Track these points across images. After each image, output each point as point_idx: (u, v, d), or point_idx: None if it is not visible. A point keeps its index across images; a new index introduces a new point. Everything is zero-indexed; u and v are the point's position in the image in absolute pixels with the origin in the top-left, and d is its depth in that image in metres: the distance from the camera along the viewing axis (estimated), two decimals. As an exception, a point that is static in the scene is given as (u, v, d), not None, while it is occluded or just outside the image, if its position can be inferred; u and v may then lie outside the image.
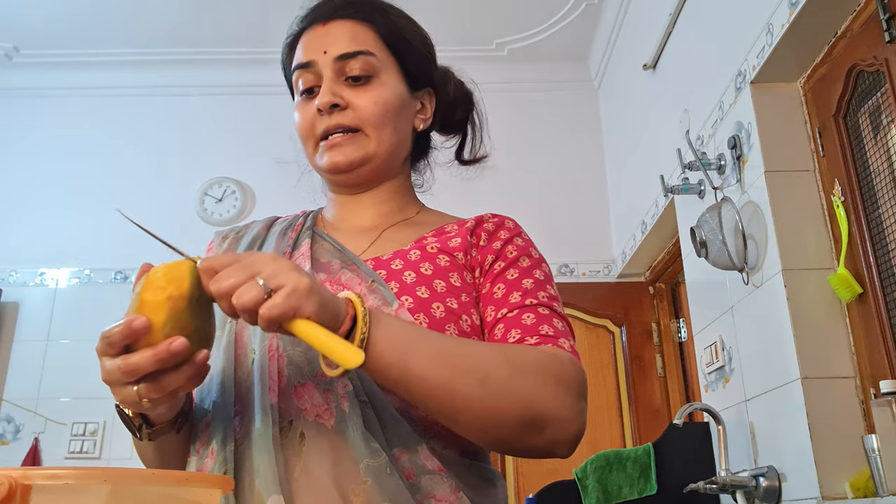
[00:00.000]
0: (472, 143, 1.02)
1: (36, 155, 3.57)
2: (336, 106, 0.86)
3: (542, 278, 0.84)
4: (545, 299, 0.82)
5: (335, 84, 0.87)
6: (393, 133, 0.89)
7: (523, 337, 0.78)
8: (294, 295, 0.61)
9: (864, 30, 1.65)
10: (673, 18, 2.54)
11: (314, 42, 0.89)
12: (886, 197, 1.61)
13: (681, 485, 1.92)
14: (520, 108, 3.57)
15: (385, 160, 0.90)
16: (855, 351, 1.69)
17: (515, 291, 0.82)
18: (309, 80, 0.88)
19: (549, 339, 0.78)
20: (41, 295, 3.33)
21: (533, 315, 0.80)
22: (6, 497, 0.42)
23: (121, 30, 3.45)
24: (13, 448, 3.07)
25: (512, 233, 0.88)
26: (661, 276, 3.13)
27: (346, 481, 0.70)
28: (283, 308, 0.61)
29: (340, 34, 0.88)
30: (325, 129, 0.87)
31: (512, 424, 0.70)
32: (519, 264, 0.84)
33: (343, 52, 0.87)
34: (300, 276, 0.62)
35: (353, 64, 0.87)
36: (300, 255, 0.85)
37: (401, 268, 0.82)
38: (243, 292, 0.61)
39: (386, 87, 0.88)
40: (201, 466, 0.76)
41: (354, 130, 0.87)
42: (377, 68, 0.88)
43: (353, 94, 0.87)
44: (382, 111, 0.87)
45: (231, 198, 3.48)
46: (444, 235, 0.87)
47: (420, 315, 0.77)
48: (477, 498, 0.76)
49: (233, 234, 0.95)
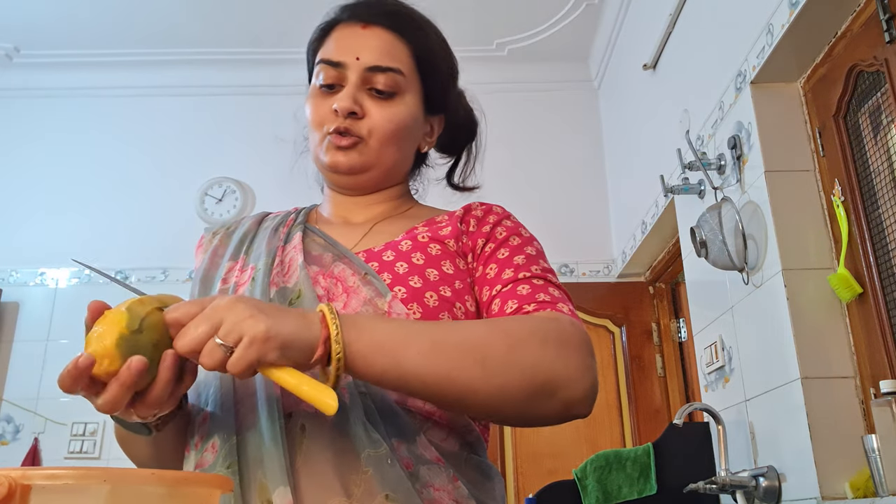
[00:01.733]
0: (465, 168, 1.03)
1: (36, 155, 3.57)
2: (353, 114, 0.86)
3: (533, 253, 0.85)
4: (538, 271, 0.82)
5: (358, 91, 0.87)
6: (397, 152, 0.90)
7: (521, 306, 0.78)
8: (252, 347, 0.61)
9: (864, 30, 1.65)
10: (673, 18, 2.54)
11: (348, 42, 0.88)
12: (886, 197, 1.61)
13: (681, 485, 1.92)
14: (520, 108, 3.57)
15: (384, 173, 0.91)
16: (855, 351, 1.69)
17: (507, 268, 0.82)
18: (332, 76, 0.88)
19: (547, 304, 0.78)
20: (41, 295, 3.34)
21: (528, 286, 0.80)
22: (6, 497, 0.42)
23: (121, 30, 3.45)
24: (13, 448, 3.07)
25: (500, 216, 0.89)
26: (661, 276, 3.13)
27: (348, 471, 0.70)
28: (245, 363, 0.61)
29: (377, 44, 0.88)
30: (335, 129, 0.87)
31: (521, 396, 0.69)
32: (509, 243, 0.85)
33: (375, 64, 0.87)
34: (256, 322, 0.61)
35: (380, 78, 0.87)
36: (292, 249, 0.86)
37: (392, 259, 0.83)
38: (206, 355, 0.61)
39: (404, 108, 0.88)
40: (200, 461, 0.76)
41: (360, 138, 0.87)
42: (402, 87, 0.88)
43: (372, 106, 0.87)
44: (394, 130, 0.88)
45: (231, 198, 3.48)
46: (434, 225, 0.88)
47: (413, 305, 0.77)
48: (474, 491, 0.76)
49: (223, 230, 0.95)
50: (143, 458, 0.81)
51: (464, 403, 0.69)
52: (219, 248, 0.92)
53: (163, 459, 0.80)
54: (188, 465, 0.78)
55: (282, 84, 3.53)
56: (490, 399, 0.69)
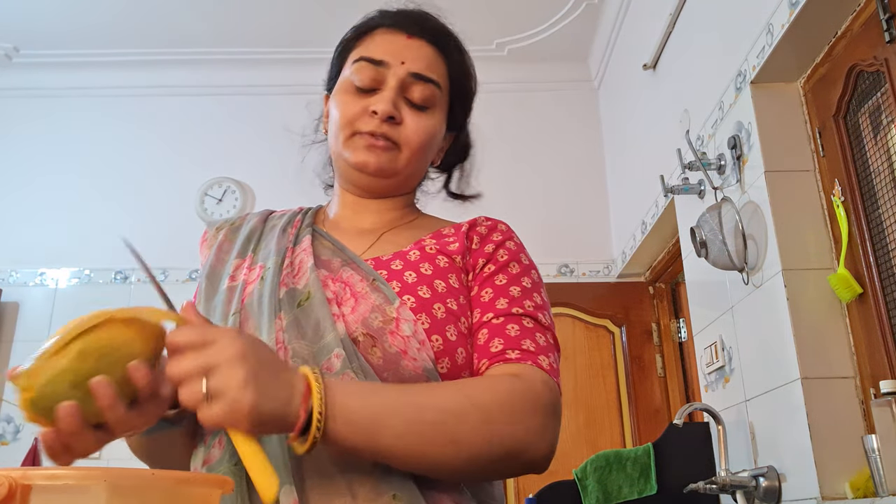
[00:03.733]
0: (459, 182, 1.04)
1: (36, 155, 3.57)
2: (392, 118, 0.87)
3: (529, 286, 0.85)
4: (531, 309, 0.82)
5: (398, 97, 0.87)
6: (422, 162, 0.92)
7: (504, 350, 0.78)
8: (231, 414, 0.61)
9: (864, 30, 1.65)
10: (673, 18, 2.54)
11: (394, 47, 0.89)
12: (886, 197, 1.61)
13: (681, 485, 1.92)
14: (520, 108, 3.58)
15: (405, 181, 0.93)
16: (855, 351, 1.69)
17: (502, 298, 0.83)
18: (370, 76, 0.88)
19: (529, 355, 0.78)
20: (41, 295, 3.34)
21: (517, 326, 0.80)
22: (6, 497, 0.42)
23: (121, 30, 3.45)
24: (13, 448, 3.07)
25: (504, 236, 0.89)
26: (661, 276, 3.13)
27: (353, 472, 0.71)
28: (214, 422, 0.61)
29: (421, 55, 0.89)
30: (371, 130, 0.87)
31: (487, 464, 0.72)
32: (509, 270, 0.85)
33: (420, 72, 0.88)
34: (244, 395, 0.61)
35: (419, 87, 0.88)
36: (302, 251, 0.86)
37: (401, 268, 0.83)
38: (185, 391, 0.61)
39: (435, 122, 0.90)
40: (208, 457, 0.77)
41: (394, 143, 0.88)
42: (435, 102, 0.90)
43: (408, 115, 0.88)
44: (425, 141, 0.89)
45: (231, 198, 3.48)
46: (442, 238, 0.88)
47: (422, 315, 0.78)
48: (475, 493, 0.78)
49: (227, 225, 0.95)
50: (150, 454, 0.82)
51: (434, 473, 0.72)
52: (224, 244, 0.92)
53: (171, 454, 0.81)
54: (196, 461, 0.78)
55: (282, 84, 3.54)
56: (458, 470, 0.72)
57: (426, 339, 0.77)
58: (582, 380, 3.07)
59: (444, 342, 0.77)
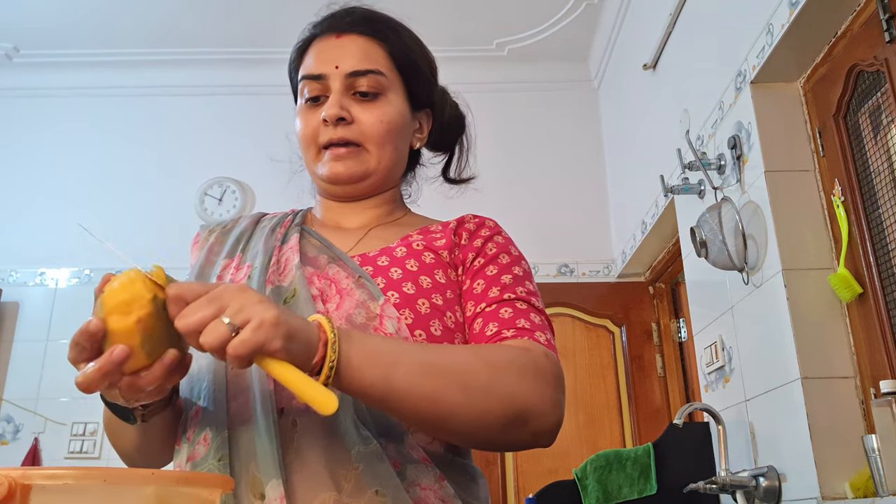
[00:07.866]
0: (459, 162, 1.04)
1: (36, 155, 3.57)
2: (342, 119, 0.87)
3: (520, 274, 0.86)
4: (523, 294, 0.83)
5: (343, 97, 0.88)
6: (394, 151, 0.91)
7: (500, 330, 0.79)
8: (261, 330, 0.60)
9: (864, 30, 1.65)
10: (673, 18, 2.54)
11: (326, 54, 0.90)
12: (886, 197, 1.61)
13: (681, 485, 1.92)
14: (520, 108, 3.57)
15: (384, 176, 0.92)
16: (855, 351, 1.69)
17: (494, 286, 0.83)
18: (316, 89, 0.89)
19: (525, 332, 0.79)
20: (41, 295, 3.33)
21: (510, 309, 0.81)
22: (6, 497, 0.42)
23: (121, 30, 3.45)
24: (13, 448, 3.07)
25: (492, 231, 0.90)
26: (661, 276, 3.13)
27: (338, 467, 0.71)
28: (250, 345, 0.60)
29: (353, 49, 0.89)
30: (328, 140, 0.88)
31: (497, 423, 0.71)
32: (498, 261, 0.86)
33: (355, 69, 0.88)
34: (266, 308, 0.61)
35: (362, 81, 0.88)
36: (289, 249, 0.86)
37: (387, 264, 0.84)
38: (209, 332, 0.60)
39: (391, 107, 0.90)
40: (192, 453, 0.77)
41: (357, 145, 0.88)
42: (385, 87, 0.90)
43: (359, 110, 0.88)
44: (386, 129, 0.89)
45: (231, 198, 3.48)
46: (429, 234, 0.89)
47: (405, 311, 0.79)
48: (459, 491, 0.77)
49: (219, 228, 0.96)
50: (128, 447, 0.82)
51: (442, 426, 0.71)
52: (214, 246, 0.93)
53: (147, 452, 0.81)
54: (180, 457, 0.78)
55: (282, 84, 3.52)
56: (468, 424, 0.71)
57: (409, 335, 0.77)
58: (582, 380, 3.07)
59: (427, 337, 0.78)
